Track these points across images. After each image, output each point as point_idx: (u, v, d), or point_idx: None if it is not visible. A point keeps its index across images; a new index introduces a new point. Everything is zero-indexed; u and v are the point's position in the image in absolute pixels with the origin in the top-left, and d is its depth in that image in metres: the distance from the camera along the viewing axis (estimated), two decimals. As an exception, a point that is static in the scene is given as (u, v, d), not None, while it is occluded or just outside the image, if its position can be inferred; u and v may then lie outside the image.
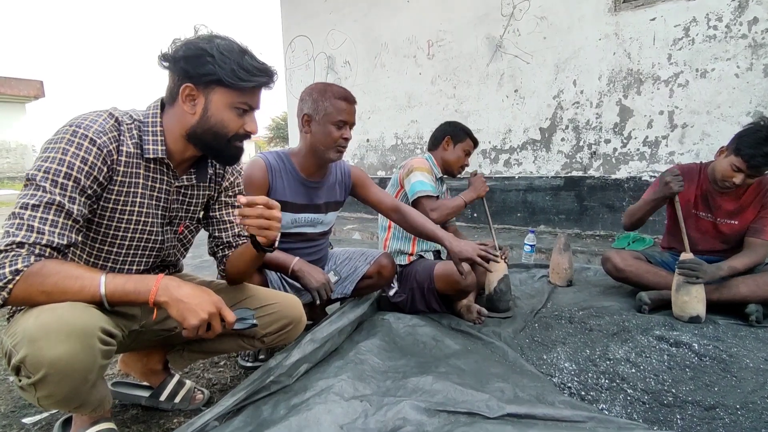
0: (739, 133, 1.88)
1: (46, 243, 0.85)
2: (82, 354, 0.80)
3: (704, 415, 1.18)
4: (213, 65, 0.97)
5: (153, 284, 0.89)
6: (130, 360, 1.34)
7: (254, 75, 1.00)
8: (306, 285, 1.55)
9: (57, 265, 0.85)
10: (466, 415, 1.16)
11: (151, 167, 1.06)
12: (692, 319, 1.80)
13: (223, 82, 0.98)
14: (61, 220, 0.88)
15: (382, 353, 1.51)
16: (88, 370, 0.82)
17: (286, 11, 6.26)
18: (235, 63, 0.98)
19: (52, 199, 0.87)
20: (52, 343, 0.77)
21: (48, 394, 0.81)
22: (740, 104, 3.19)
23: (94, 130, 0.94)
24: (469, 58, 4.56)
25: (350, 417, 1.14)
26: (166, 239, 1.16)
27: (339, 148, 1.60)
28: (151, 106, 1.07)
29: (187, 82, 0.99)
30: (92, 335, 0.82)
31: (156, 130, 1.04)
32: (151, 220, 1.09)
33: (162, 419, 1.26)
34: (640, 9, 3.54)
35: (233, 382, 1.49)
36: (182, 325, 0.91)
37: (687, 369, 1.39)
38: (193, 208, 1.21)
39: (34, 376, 0.78)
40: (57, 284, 0.83)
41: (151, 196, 1.07)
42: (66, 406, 0.90)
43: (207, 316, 0.92)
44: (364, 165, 5.65)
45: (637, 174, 3.69)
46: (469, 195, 2.02)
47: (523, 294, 2.34)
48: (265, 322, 1.23)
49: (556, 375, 1.43)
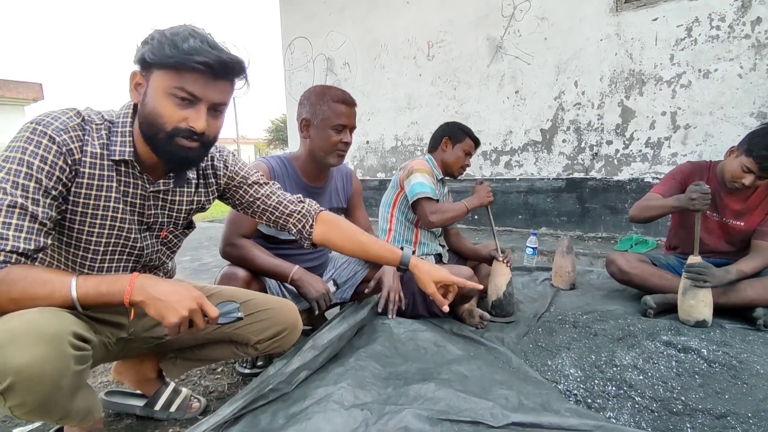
0: (752, 133, 1.85)
1: (10, 249, 0.80)
2: (53, 360, 0.76)
3: (715, 423, 1.15)
4: (150, 45, 0.89)
5: (127, 283, 0.85)
6: (123, 368, 1.31)
7: (187, 54, 0.87)
8: (305, 295, 1.52)
9: (24, 271, 0.81)
10: (470, 424, 1.12)
11: (122, 170, 0.99)
12: (698, 323, 1.76)
13: (154, 63, 0.89)
14: (26, 223, 0.83)
15: (383, 359, 1.47)
16: (60, 376, 0.77)
17: (286, 13, 6.24)
18: (170, 41, 0.88)
19: (14, 201, 0.82)
20: (19, 349, 0.73)
21: (19, 403, 0.76)
22: (744, 105, 3.16)
23: (54, 128, 0.89)
24: (469, 59, 4.54)
25: (350, 426, 1.11)
26: (146, 245, 1.09)
27: (339, 152, 1.58)
28: (125, 106, 1.00)
29: (135, 69, 0.94)
30: (63, 339, 0.77)
31: (125, 131, 0.97)
32: (127, 226, 1.03)
33: (157, 429, 1.23)
34: (642, 9, 3.51)
35: (231, 389, 1.46)
36: (162, 323, 0.86)
37: (696, 376, 1.35)
38: (176, 214, 1.13)
39: (1, 384, 0.73)
40: (25, 290, 0.79)
41: (125, 201, 1.01)
42: (46, 417, 0.85)
43: (187, 313, 0.87)
44: (364, 167, 5.62)
45: (639, 176, 3.66)
46: (472, 202, 1.99)
47: (526, 297, 2.31)
48: (259, 328, 1.19)
49: (562, 382, 1.39)
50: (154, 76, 0.91)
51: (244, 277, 1.47)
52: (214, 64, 0.89)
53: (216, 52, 0.89)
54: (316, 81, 5.92)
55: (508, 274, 2.00)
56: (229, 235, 1.51)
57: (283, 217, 1.26)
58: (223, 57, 0.90)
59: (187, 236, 1.23)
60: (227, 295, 1.22)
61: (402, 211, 2.06)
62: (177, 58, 0.87)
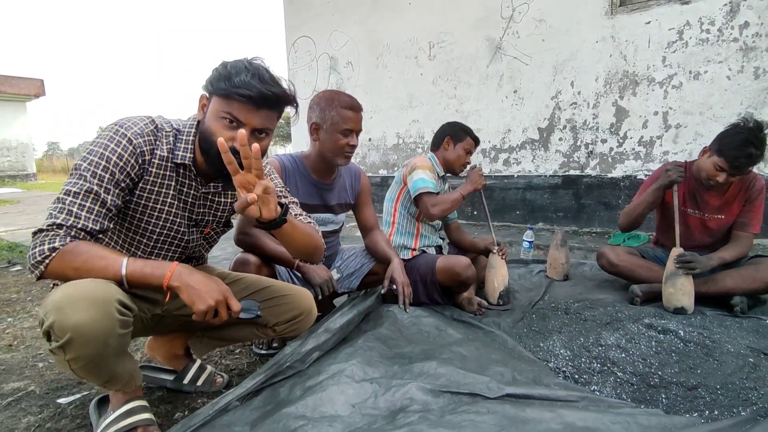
0: (721, 134, 1.97)
1: (81, 227, 0.97)
2: (102, 320, 0.90)
3: (687, 394, 1.28)
4: (213, 74, 1.07)
5: (168, 270, 0.99)
6: (156, 345, 1.44)
7: (237, 87, 1.03)
8: (309, 280, 1.65)
9: (87, 246, 0.97)
10: (469, 396, 1.25)
11: (181, 172, 1.16)
12: (677, 310, 1.90)
13: (214, 89, 1.07)
14: (96, 207, 1.00)
15: (389, 341, 1.61)
16: (107, 334, 0.91)
17: (289, 12, 6.34)
18: (227, 73, 1.05)
19: (90, 188, 0.99)
20: (75, 310, 0.88)
21: (75, 356, 0.91)
22: (732, 105, 3.29)
23: (133, 132, 1.07)
24: (469, 59, 4.66)
25: (361, 397, 1.24)
26: (192, 239, 1.26)
27: (346, 154, 1.71)
28: (191, 118, 1.18)
29: (203, 93, 1.12)
30: (110, 304, 0.91)
31: (189, 139, 1.15)
32: (178, 221, 1.19)
33: (187, 400, 1.36)
34: (636, 12, 3.63)
35: (249, 367, 1.59)
36: (192, 309, 1.00)
37: (673, 353, 1.49)
38: (220, 214, 1.31)
39: (62, 339, 0.88)
40: (86, 262, 0.95)
41: (179, 199, 1.18)
42: (96, 376, 0.99)
43: (214, 303, 1.00)
44: (366, 164, 5.74)
45: (632, 173, 3.80)
46: (467, 188, 2.10)
47: (522, 288, 2.44)
48: (278, 312, 1.32)
49: (552, 360, 1.53)
50: (213, 100, 1.09)
51: (255, 262, 1.60)
52: (255, 97, 1.04)
53: (260, 86, 1.04)
54: (319, 80, 6.04)
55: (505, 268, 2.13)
56: (242, 225, 1.64)
57: None
58: (264, 92, 1.04)
59: (225, 233, 1.39)
60: (248, 284, 1.35)
61: (405, 206, 2.18)
62: (226, 90, 1.04)
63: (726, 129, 1.97)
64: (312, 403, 1.19)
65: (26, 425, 1.20)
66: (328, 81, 5.94)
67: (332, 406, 1.19)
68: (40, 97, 15.46)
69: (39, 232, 0.96)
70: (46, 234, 0.95)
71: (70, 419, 1.24)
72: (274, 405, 1.23)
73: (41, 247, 0.94)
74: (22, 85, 14.87)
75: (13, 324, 2.02)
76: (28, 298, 2.41)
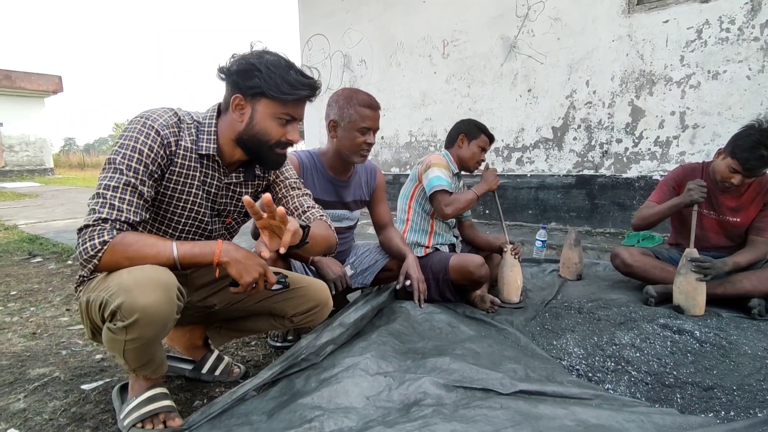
0: (735, 136, 1.96)
1: (124, 219, 1.01)
2: (166, 303, 0.96)
3: (702, 395, 1.28)
4: (260, 79, 1.10)
5: (216, 248, 1.05)
6: (175, 336, 1.48)
7: (296, 89, 1.11)
8: (323, 275, 1.68)
9: (135, 236, 1.01)
10: (482, 391, 1.26)
11: (204, 163, 1.19)
12: (675, 308, 1.93)
13: (266, 94, 1.11)
14: (135, 200, 1.04)
15: (402, 336, 1.62)
16: (168, 318, 0.98)
17: (304, 10, 6.37)
18: (280, 77, 1.10)
19: (128, 180, 1.04)
20: (144, 292, 0.93)
21: (136, 336, 0.96)
22: (751, 106, 3.24)
23: (159, 123, 1.10)
24: (483, 57, 4.65)
25: (376, 390, 1.26)
26: (214, 228, 1.30)
27: (362, 152, 1.73)
28: (210, 110, 1.22)
29: (237, 93, 1.13)
30: (172, 290, 0.98)
31: (211, 131, 1.18)
32: (203, 210, 1.23)
33: (205, 389, 1.39)
34: (654, 11, 3.59)
35: (265, 359, 1.62)
36: (239, 281, 1.06)
37: (688, 354, 1.48)
38: (241, 204, 1.34)
39: (128, 319, 0.93)
40: (138, 251, 0.99)
41: (203, 189, 1.21)
42: (140, 358, 1.04)
43: (258, 275, 1.08)
44: (379, 162, 5.76)
45: (647, 173, 3.76)
46: (481, 188, 2.11)
47: (534, 287, 2.44)
48: (295, 303, 1.35)
49: (565, 358, 1.53)
50: (263, 102, 1.13)
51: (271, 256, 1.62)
52: (311, 95, 1.16)
53: (310, 82, 1.14)
54: (333, 77, 6.06)
55: (516, 265, 2.13)
56: None
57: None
58: (315, 86, 1.16)
59: (245, 223, 1.42)
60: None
61: (419, 203, 2.19)
62: (291, 94, 1.11)
63: (740, 130, 1.96)
64: (327, 394, 1.22)
65: (52, 409, 1.24)
66: (341, 79, 5.97)
67: (347, 398, 1.21)
68: (58, 93, 15.74)
69: (85, 227, 0.99)
70: (93, 229, 0.99)
71: (93, 404, 1.27)
72: (290, 395, 1.25)
73: (92, 242, 0.97)
74: (41, 81, 15.16)
75: (36, 313, 2.08)
76: (49, 289, 2.47)
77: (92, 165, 21.85)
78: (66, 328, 1.89)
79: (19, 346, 1.69)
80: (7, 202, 7.43)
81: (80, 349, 1.67)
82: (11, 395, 1.32)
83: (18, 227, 4.65)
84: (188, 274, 1.28)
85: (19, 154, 15.59)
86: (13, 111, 15.02)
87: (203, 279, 1.32)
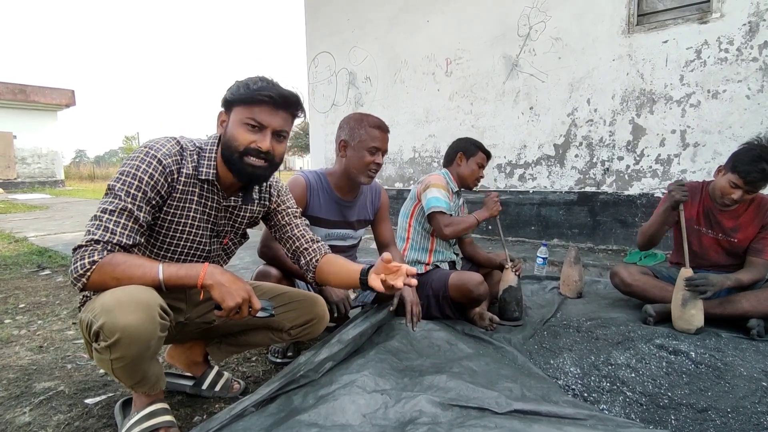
0: (735, 152, 2.00)
1: (116, 242, 1.06)
2: (147, 323, 0.98)
3: (697, 416, 1.29)
4: (230, 90, 1.18)
5: (201, 271, 1.08)
6: (175, 353, 1.51)
7: (255, 91, 1.14)
8: (327, 298, 1.70)
9: (123, 257, 1.05)
10: (477, 410, 1.28)
11: (205, 187, 1.24)
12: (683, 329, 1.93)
13: (234, 102, 1.17)
14: (130, 224, 1.09)
15: (400, 354, 1.64)
16: (150, 336, 1.00)
17: (311, 28, 6.52)
18: (244, 85, 1.16)
19: (125, 206, 1.08)
20: (124, 312, 0.96)
21: (120, 356, 0.98)
22: (751, 125, 3.26)
23: (162, 153, 1.15)
24: (486, 75, 4.72)
25: (372, 407, 1.28)
26: (212, 249, 1.34)
27: (370, 172, 1.77)
28: (212, 137, 1.27)
29: (221, 110, 1.21)
30: (154, 309, 1.00)
31: (211, 156, 1.23)
32: (201, 232, 1.27)
33: (205, 404, 1.42)
34: (653, 32, 3.65)
35: (264, 375, 1.65)
36: (222, 304, 1.08)
37: (683, 375, 1.49)
38: (238, 225, 1.39)
39: (110, 339, 0.96)
40: (124, 271, 1.03)
41: (203, 212, 1.26)
42: (131, 376, 1.06)
43: (241, 300, 1.08)
44: (383, 177, 5.82)
45: (649, 191, 3.77)
46: (482, 215, 2.13)
47: (534, 304, 2.45)
48: (292, 317, 1.39)
49: (562, 378, 1.54)
50: (233, 111, 1.18)
51: (276, 275, 1.67)
52: (275, 97, 1.15)
53: (277, 88, 1.17)
54: (338, 94, 6.17)
55: (507, 281, 2.15)
56: (266, 238, 1.72)
57: (299, 250, 1.44)
58: (283, 92, 1.17)
59: (242, 245, 1.47)
60: (266, 290, 1.42)
61: (419, 221, 2.23)
62: (248, 94, 1.14)
63: (740, 147, 2.00)
64: (324, 411, 1.24)
65: (56, 423, 1.28)
66: (346, 95, 6.07)
67: (344, 415, 1.23)
68: (70, 106, 16.09)
69: (79, 248, 1.04)
70: (85, 249, 1.03)
71: (96, 419, 1.30)
72: (288, 412, 1.27)
73: (82, 261, 1.02)
74: (54, 95, 15.52)
75: (43, 326, 2.12)
76: (56, 302, 2.52)
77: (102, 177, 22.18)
78: (72, 341, 1.93)
79: (26, 360, 1.73)
80: (18, 214, 7.56)
81: (85, 363, 1.71)
82: (17, 408, 1.35)
83: (28, 239, 4.73)
84: (187, 291, 1.31)
85: (32, 166, 15.88)
86: (27, 124, 15.37)
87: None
